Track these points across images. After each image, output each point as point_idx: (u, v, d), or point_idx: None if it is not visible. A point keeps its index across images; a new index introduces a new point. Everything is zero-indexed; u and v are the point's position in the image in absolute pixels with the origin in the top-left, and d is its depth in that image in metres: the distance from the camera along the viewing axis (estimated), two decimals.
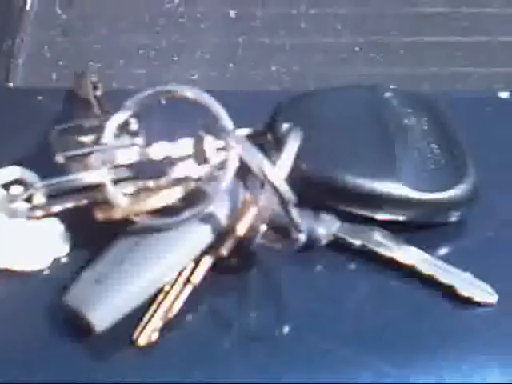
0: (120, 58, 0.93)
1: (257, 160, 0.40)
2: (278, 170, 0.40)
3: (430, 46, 0.91)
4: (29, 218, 0.42)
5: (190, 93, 0.42)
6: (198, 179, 0.42)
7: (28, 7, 0.88)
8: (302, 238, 0.40)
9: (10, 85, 0.87)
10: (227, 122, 0.41)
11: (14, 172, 0.44)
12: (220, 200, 0.41)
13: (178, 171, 0.42)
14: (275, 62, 0.93)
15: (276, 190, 0.39)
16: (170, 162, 0.42)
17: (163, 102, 0.47)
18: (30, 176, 0.44)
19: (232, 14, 0.89)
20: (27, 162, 0.45)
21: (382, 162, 0.44)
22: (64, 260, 0.42)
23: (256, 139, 0.46)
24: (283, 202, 0.40)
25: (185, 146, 0.43)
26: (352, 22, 0.88)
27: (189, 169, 0.42)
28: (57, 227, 0.42)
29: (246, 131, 0.47)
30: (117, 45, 0.94)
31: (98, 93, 0.48)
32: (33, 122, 0.48)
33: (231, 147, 0.40)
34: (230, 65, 0.93)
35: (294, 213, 0.40)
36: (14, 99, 0.51)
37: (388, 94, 0.48)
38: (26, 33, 0.93)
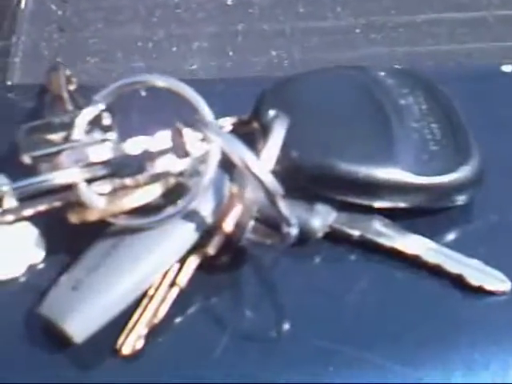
0: (118, 51, 0.90)
1: (239, 152, 0.35)
2: (262, 162, 0.36)
3: (429, 23, 0.87)
4: None
5: (162, 82, 0.38)
6: (179, 174, 0.38)
7: (23, 5, 0.85)
8: (293, 232, 0.36)
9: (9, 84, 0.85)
10: (206, 112, 0.37)
11: None
12: (204, 195, 0.37)
13: (157, 166, 0.38)
14: (275, 48, 0.89)
15: (261, 183, 0.35)
16: (148, 157, 0.38)
17: (143, 93, 0.43)
18: None
19: (229, 1, 0.86)
20: None
21: (378, 145, 0.40)
22: (40, 266, 0.38)
23: (242, 128, 0.43)
24: (270, 195, 0.35)
25: (163, 139, 0.39)
26: (351, 3, 0.84)
27: (169, 163, 0.38)
28: (30, 232, 0.38)
29: (230, 120, 0.42)
30: (114, 38, 0.91)
31: (72, 87, 0.44)
32: (2, 120, 0.44)
33: (211, 140, 0.36)
34: (230, 53, 0.89)
35: (283, 206, 0.35)
36: None
37: (381, 74, 0.43)
38: (22, 31, 0.90)
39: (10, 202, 0.37)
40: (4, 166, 0.40)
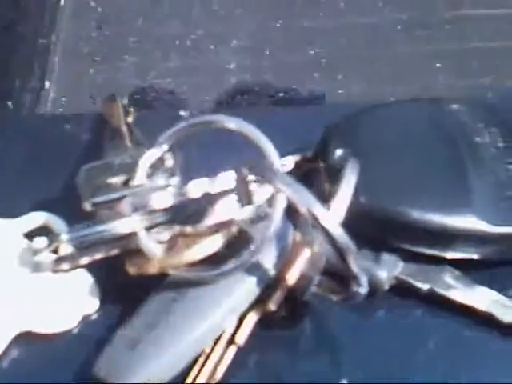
0: (156, 49, 0.87)
1: (308, 204, 0.32)
2: (332, 214, 0.33)
3: (473, 19, 0.83)
4: (54, 271, 0.35)
5: (232, 124, 0.35)
6: (241, 221, 0.35)
7: (62, 2, 0.82)
8: (363, 291, 0.33)
9: (47, 84, 0.82)
10: (275, 160, 0.34)
11: (38, 218, 0.37)
12: (267, 245, 0.34)
13: (217, 212, 0.35)
14: (314, 46, 0.85)
15: (331, 239, 0.32)
16: (209, 201, 0.35)
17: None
18: (55, 222, 0.36)
19: None
20: (52, 202, 0.38)
21: (453, 190, 0.36)
22: (94, 317, 0.35)
23: (304, 166, 0.40)
24: (340, 252, 0.32)
25: (225, 181, 0.36)
26: None
27: (230, 209, 0.35)
28: (85, 279, 0.35)
29: (293, 159, 0.39)
30: (152, 36, 0.88)
31: (130, 119, 0.41)
32: (59, 155, 0.41)
33: (279, 190, 0.33)
34: (267, 51, 0.86)
35: (354, 263, 0.33)
36: (38, 128, 0.43)
37: (454, 107, 0.39)
38: (61, 29, 0.87)
39: (67, 250, 0.35)
40: (59, 205, 0.38)
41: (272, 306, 0.34)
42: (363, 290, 0.33)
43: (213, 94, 0.83)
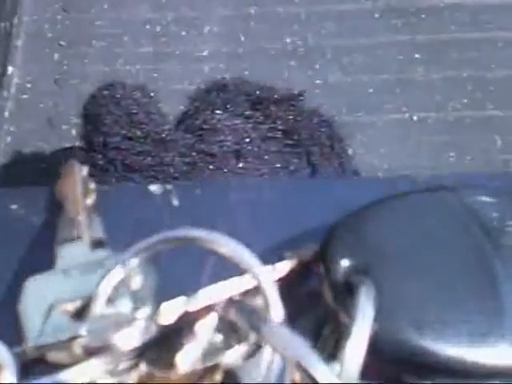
0: (124, 34, 0.77)
1: (309, 365, 0.24)
2: (344, 375, 0.24)
3: (451, 9, 0.76)
4: None
5: (218, 245, 0.25)
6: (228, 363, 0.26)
7: None
8: None
9: (10, 69, 0.72)
10: (276, 309, 0.25)
11: None
12: None
13: (198, 352, 0.26)
14: (290, 34, 0.77)
15: None
16: (187, 327, 0.26)
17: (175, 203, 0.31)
18: None
19: None
20: None
21: (481, 314, 0.27)
22: None
23: (303, 269, 0.31)
24: None
25: (205, 298, 0.27)
26: None
27: (213, 351, 0.26)
28: None
29: (288, 263, 0.30)
30: (120, 21, 0.78)
31: (90, 200, 0.31)
32: (2, 247, 0.31)
33: (274, 349, 0.24)
34: (242, 38, 0.77)
35: None
36: None
37: (476, 199, 0.30)
38: (25, 12, 0.76)
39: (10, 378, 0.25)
40: (6, 320, 0.28)
41: None
42: None
43: (185, 83, 0.73)
